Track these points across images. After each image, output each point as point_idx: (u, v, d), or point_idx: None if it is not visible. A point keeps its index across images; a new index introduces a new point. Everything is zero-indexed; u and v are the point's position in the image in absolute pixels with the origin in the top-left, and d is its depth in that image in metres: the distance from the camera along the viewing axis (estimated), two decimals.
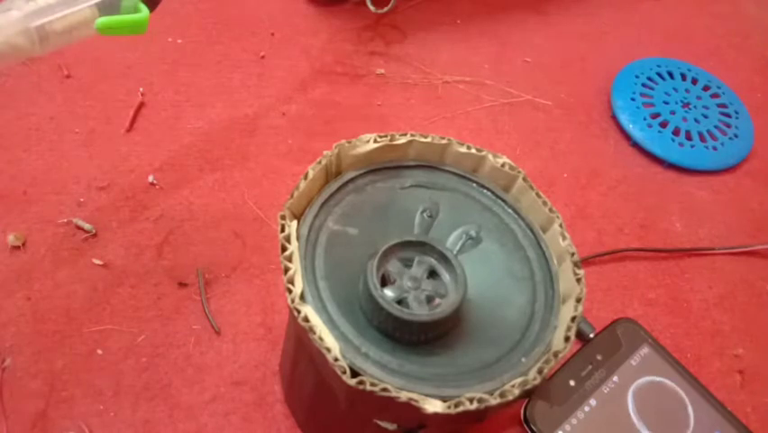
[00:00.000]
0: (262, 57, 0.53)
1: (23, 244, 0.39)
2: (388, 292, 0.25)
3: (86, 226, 0.40)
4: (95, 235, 0.40)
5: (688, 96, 0.56)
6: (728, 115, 0.56)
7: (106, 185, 0.43)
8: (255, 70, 0.52)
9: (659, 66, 0.58)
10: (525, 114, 0.53)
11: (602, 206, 0.48)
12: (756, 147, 0.55)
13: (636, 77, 0.56)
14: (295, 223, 0.25)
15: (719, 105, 0.56)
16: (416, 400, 0.22)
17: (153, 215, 0.42)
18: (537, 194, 0.28)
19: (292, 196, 0.26)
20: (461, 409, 0.22)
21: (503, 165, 0.28)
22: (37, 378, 0.35)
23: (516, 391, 0.23)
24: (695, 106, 0.55)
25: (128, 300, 0.38)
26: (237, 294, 0.39)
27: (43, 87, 0.47)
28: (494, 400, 0.22)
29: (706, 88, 0.57)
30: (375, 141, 0.28)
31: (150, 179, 0.43)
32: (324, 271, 0.25)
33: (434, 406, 0.22)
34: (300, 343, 0.27)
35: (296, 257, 0.24)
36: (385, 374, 0.23)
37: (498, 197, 0.29)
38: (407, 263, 0.26)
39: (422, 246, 0.26)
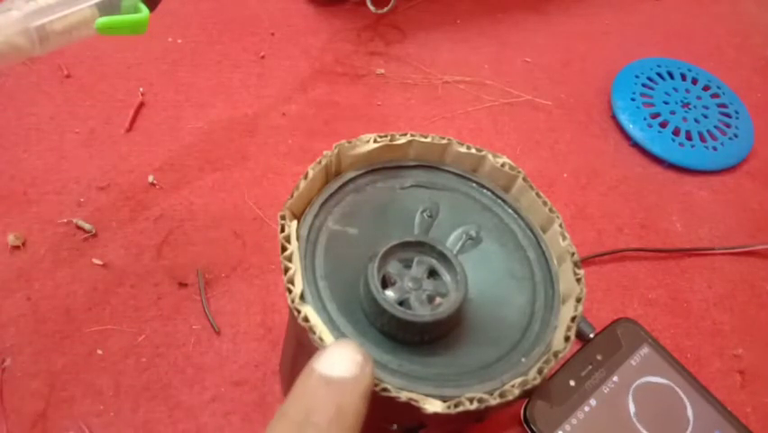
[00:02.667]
0: (262, 57, 0.53)
1: (23, 244, 0.39)
2: (390, 294, 0.25)
3: (87, 226, 0.40)
4: (95, 235, 0.40)
5: (688, 96, 0.56)
6: (728, 115, 0.56)
7: (106, 185, 0.43)
8: (255, 70, 0.52)
9: (659, 66, 0.58)
10: (525, 114, 0.53)
11: (602, 206, 0.48)
12: (756, 147, 0.55)
13: (636, 77, 0.56)
14: (295, 223, 0.25)
15: (719, 105, 0.56)
16: (415, 401, 0.22)
17: (153, 215, 0.42)
18: (537, 194, 0.28)
19: (292, 196, 0.26)
20: (461, 409, 0.22)
21: (503, 165, 0.28)
22: (37, 378, 0.35)
23: (516, 391, 0.23)
24: (695, 106, 0.55)
25: (128, 300, 0.38)
26: (237, 294, 0.39)
27: (43, 87, 0.47)
28: (494, 401, 0.22)
29: (706, 88, 0.57)
30: (375, 141, 0.28)
31: (150, 179, 0.43)
32: (324, 271, 0.25)
33: (433, 406, 0.22)
34: (300, 343, 0.27)
35: (296, 257, 0.24)
36: (385, 374, 0.23)
37: (498, 197, 0.29)
38: (407, 264, 0.26)
39: (422, 246, 0.26)
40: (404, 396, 0.22)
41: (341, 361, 0.20)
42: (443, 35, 0.58)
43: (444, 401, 0.22)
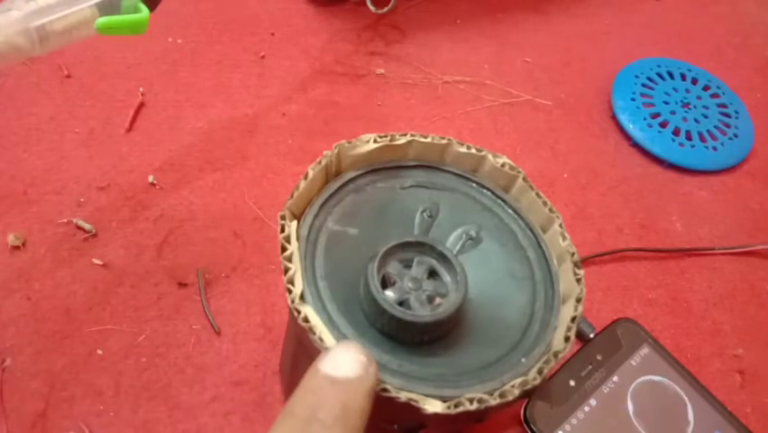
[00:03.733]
0: (262, 57, 0.53)
1: (23, 244, 0.39)
2: (390, 294, 0.25)
3: (87, 226, 0.40)
4: (95, 235, 0.40)
5: (688, 96, 0.56)
6: (728, 115, 0.56)
7: (106, 185, 0.43)
8: (255, 70, 0.52)
9: (659, 66, 0.58)
10: (525, 114, 0.53)
11: (602, 206, 0.48)
12: (756, 147, 0.55)
13: (636, 77, 0.56)
14: (295, 223, 0.25)
15: (719, 106, 0.56)
16: (415, 401, 0.22)
17: (153, 215, 0.42)
18: (537, 194, 0.28)
19: (292, 196, 0.26)
20: (460, 409, 0.22)
21: (503, 165, 0.28)
22: (37, 378, 0.35)
23: (516, 392, 0.23)
24: (695, 106, 0.55)
25: (128, 300, 0.38)
26: (237, 294, 0.39)
27: (43, 87, 0.47)
28: (494, 401, 0.22)
29: (706, 88, 0.57)
30: (375, 141, 0.28)
31: (150, 179, 0.43)
32: (324, 272, 0.25)
33: (433, 406, 0.22)
34: (300, 343, 0.27)
35: (296, 257, 0.24)
36: (385, 374, 0.23)
37: (498, 197, 0.29)
38: (407, 264, 0.26)
39: (422, 247, 0.26)
40: (404, 396, 0.22)
41: (345, 361, 0.20)
42: (443, 35, 0.58)
43: (444, 402, 0.22)
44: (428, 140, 0.29)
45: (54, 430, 0.33)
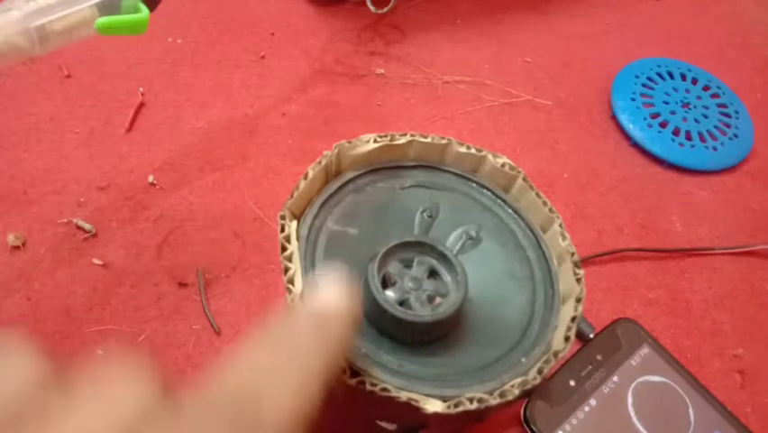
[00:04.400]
0: (262, 57, 0.53)
1: (23, 244, 0.39)
2: (390, 294, 0.25)
3: (87, 226, 0.40)
4: (95, 235, 0.40)
5: (688, 96, 0.56)
6: (728, 115, 0.56)
7: (106, 185, 0.43)
8: (255, 70, 0.52)
9: (659, 66, 0.58)
10: (525, 114, 0.53)
11: (602, 206, 0.48)
12: (756, 147, 0.55)
13: (636, 77, 0.56)
14: (295, 223, 0.25)
15: (719, 106, 0.56)
16: (416, 400, 0.22)
17: (153, 215, 0.42)
18: (537, 194, 0.28)
19: (292, 196, 0.26)
20: (461, 409, 0.22)
21: (503, 165, 0.28)
22: None
23: (516, 391, 0.23)
24: (695, 106, 0.55)
25: (128, 300, 0.38)
26: (237, 294, 0.39)
27: (43, 87, 0.47)
28: (494, 400, 0.22)
29: (706, 88, 0.57)
30: (375, 141, 0.28)
31: (150, 179, 0.43)
32: (324, 272, 0.25)
33: (434, 406, 0.22)
34: None
35: (296, 257, 0.24)
36: (385, 374, 0.23)
37: (498, 197, 0.29)
38: (407, 264, 0.26)
39: (422, 246, 0.26)
40: (404, 396, 0.22)
41: (327, 293, 0.19)
42: (443, 35, 0.58)
43: (444, 401, 0.22)
44: (428, 140, 0.29)
45: None
